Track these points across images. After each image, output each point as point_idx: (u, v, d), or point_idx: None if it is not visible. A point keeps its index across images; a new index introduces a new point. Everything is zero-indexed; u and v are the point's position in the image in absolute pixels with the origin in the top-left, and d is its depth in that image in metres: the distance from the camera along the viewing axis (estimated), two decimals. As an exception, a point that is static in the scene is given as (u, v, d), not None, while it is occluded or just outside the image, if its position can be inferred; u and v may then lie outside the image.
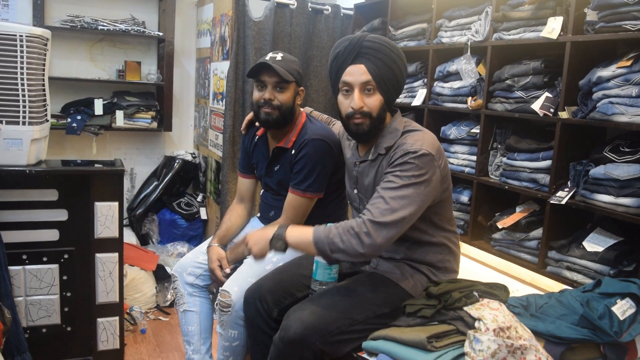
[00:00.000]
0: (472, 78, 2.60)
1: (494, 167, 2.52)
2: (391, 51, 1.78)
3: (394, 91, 1.83)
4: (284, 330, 1.69)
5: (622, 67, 1.95)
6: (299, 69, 2.24)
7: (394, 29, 3.15)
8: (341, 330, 1.71)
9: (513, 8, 2.39)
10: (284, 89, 2.19)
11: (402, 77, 1.83)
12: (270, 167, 2.35)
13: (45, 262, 2.50)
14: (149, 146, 4.34)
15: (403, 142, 1.77)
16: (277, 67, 2.13)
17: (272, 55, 2.20)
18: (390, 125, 1.85)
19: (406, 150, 1.72)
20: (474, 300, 1.66)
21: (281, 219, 2.27)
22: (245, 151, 2.48)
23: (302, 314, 1.71)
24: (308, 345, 1.66)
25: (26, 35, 2.31)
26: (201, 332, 2.32)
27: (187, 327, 2.31)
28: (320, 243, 1.69)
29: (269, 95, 2.17)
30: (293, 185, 2.24)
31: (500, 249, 2.45)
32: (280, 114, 2.19)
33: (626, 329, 1.67)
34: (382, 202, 1.67)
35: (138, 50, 4.17)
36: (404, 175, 1.69)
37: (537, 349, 1.53)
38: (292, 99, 2.22)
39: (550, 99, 2.21)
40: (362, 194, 1.94)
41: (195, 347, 2.31)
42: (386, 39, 1.81)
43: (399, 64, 1.80)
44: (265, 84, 2.19)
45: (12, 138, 2.36)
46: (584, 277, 2.06)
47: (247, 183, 2.51)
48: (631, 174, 1.90)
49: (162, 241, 4.05)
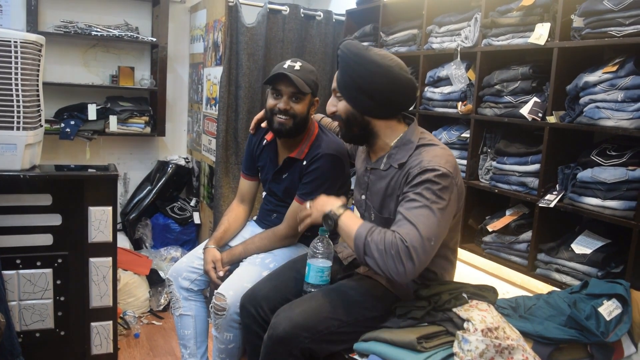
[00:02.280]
0: (462, 83, 2.64)
1: (484, 171, 2.55)
2: (349, 58, 1.75)
3: (364, 98, 1.76)
4: (273, 328, 1.71)
5: (608, 72, 1.98)
6: (316, 80, 2.22)
7: (385, 34, 3.19)
8: (330, 330, 1.73)
9: (502, 14, 2.42)
10: (300, 100, 2.18)
11: (368, 83, 1.74)
12: (279, 174, 2.34)
13: (39, 267, 2.51)
14: (143, 151, 4.35)
15: (418, 158, 1.72)
16: (294, 78, 2.11)
17: (290, 64, 2.16)
18: (405, 137, 1.81)
19: (424, 168, 1.67)
20: (462, 301, 1.68)
21: (282, 226, 2.28)
22: (250, 153, 2.45)
23: (291, 313, 1.73)
24: (297, 343, 1.68)
25: (20, 41, 2.32)
26: (197, 336, 2.34)
27: (183, 331, 2.33)
28: (359, 241, 1.65)
29: (284, 106, 2.16)
30: (300, 195, 2.23)
31: (490, 252, 2.47)
32: (294, 123, 2.18)
33: (612, 329, 1.70)
34: (409, 225, 1.60)
35: (131, 56, 4.18)
36: (427, 195, 1.63)
37: (524, 349, 1.56)
38: (306, 109, 2.21)
39: (538, 104, 2.25)
40: (370, 201, 1.91)
41: (191, 350, 2.33)
42: (354, 45, 1.76)
43: (359, 70, 1.74)
44: (281, 93, 2.17)
45: (6, 143, 2.37)
46: (572, 279, 2.09)
47: (250, 185, 2.50)
48: (617, 177, 1.93)
49: (155, 246, 4.05)
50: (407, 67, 1.82)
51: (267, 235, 2.30)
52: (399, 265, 1.56)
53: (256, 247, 2.29)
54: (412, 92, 1.81)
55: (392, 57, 1.78)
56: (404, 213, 1.64)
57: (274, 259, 2.23)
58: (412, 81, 1.80)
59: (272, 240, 2.29)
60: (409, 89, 1.79)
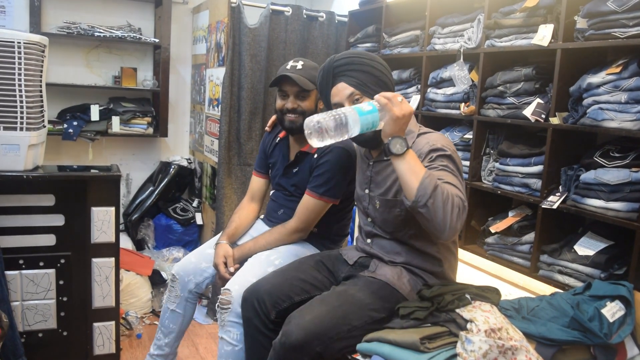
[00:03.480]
0: (465, 84, 2.64)
1: (487, 172, 2.55)
2: (360, 58, 1.89)
3: (382, 89, 1.85)
4: (286, 336, 1.71)
5: (612, 73, 1.98)
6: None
7: (388, 35, 3.19)
8: (340, 336, 1.74)
9: (505, 15, 2.42)
10: (306, 97, 2.27)
11: (382, 73, 1.89)
12: (290, 168, 2.39)
13: (42, 267, 2.52)
14: (145, 152, 4.36)
15: (423, 141, 1.83)
16: (297, 78, 2.21)
17: (292, 64, 2.27)
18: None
19: (433, 146, 1.78)
20: (466, 302, 1.68)
21: (292, 220, 2.30)
22: (263, 151, 2.53)
23: (302, 320, 1.72)
24: (308, 351, 1.69)
25: (24, 42, 2.33)
26: (178, 332, 2.42)
27: (169, 324, 2.40)
28: (428, 183, 1.56)
29: (291, 105, 2.26)
30: (311, 188, 2.26)
31: (493, 253, 2.47)
32: (304, 119, 2.20)
33: (616, 331, 1.69)
34: (454, 189, 1.62)
35: (134, 57, 4.19)
36: (452, 167, 1.74)
37: (527, 350, 1.56)
38: (314, 104, 2.30)
39: (541, 105, 2.25)
40: (373, 192, 1.96)
41: (169, 341, 2.41)
42: (351, 50, 1.88)
43: (373, 64, 1.88)
44: (287, 94, 2.27)
45: (10, 144, 2.38)
46: (575, 281, 2.09)
47: (261, 182, 2.55)
48: (621, 178, 1.92)
49: (157, 246, 4.06)
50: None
51: (278, 230, 2.31)
52: (458, 220, 1.57)
53: (266, 242, 2.30)
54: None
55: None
56: (445, 178, 1.65)
57: (279, 255, 2.24)
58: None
59: (282, 234, 2.30)
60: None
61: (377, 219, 1.98)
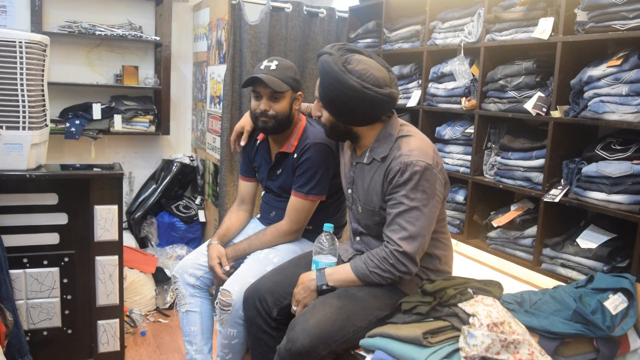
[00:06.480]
0: (466, 79, 2.63)
1: (489, 166, 2.55)
2: (328, 81, 1.82)
3: (345, 115, 1.85)
4: (291, 342, 1.71)
5: (612, 66, 1.97)
6: (294, 75, 2.25)
7: (389, 31, 3.18)
8: (346, 338, 1.75)
9: (505, 9, 2.42)
10: (279, 99, 2.21)
11: (347, 105, 1.81)
12: (273, 171, 2.37)
13: (46, 266, 2.53)
14: (147, 150, 4.37)
15: (398, 151, 1.82)
16: (268, 79, 2.15)
17: (266, 64, 2.21)
18: (385, 130, 1.89)
19: (404, 163, 1.76)
20: (468, 296, 1.69)
21: (284, 221, 2.29)
22: (246, 156, 2.51)
23: (307, 325, 1.72)
24: (314, 355, 1.70)
25: (25, 42, 2.33)
26: (203, 332, 2.34)
27: (189, 328, 2.33)
28: (365, 278, 1.84)
29: (264, 107, 2.21)
30: (296, 189, 2.26)
31: (495, 247, 2.47)
32: (276, 122, 2.22)
33: (618, 324, 1.69)
34: (400, 230, 1.78)
35: (135, 55, 4.19)
36: (412, 196, 1.76)
37: (530, 343, 1.56)
38: (288, 107, 2.24)
39: (542, 99, 2.24)
40: (356, 194, 1.98)
41: (197, 347, 2.33)
42: (330, 67, 1.79)
43: (337, 94, 1.80)
44: (260, 95, 2.22)
45: (12, 143, 2.38)
46: (578, 274, 2.09)
47: (248, 186, 2.53)
48: (622, 171, 1.92)
49: (161, 244, 4.07)
50: (387, 77, 1.84)
51: (271, 231, 2.31)
52: (401, 267, 1.78)
53: (260, 243, 2.30)
54: (392, 103, 1.86)
55: (369, 74, 1.78)
56: (396, 218, 1.79)
57: (277, 254, 2.25)
58: (392, 94, 1.83)
59: (276, 236, 2.30)
60: (387, 103, 1.83)
61: (361, 220, 2.00)
